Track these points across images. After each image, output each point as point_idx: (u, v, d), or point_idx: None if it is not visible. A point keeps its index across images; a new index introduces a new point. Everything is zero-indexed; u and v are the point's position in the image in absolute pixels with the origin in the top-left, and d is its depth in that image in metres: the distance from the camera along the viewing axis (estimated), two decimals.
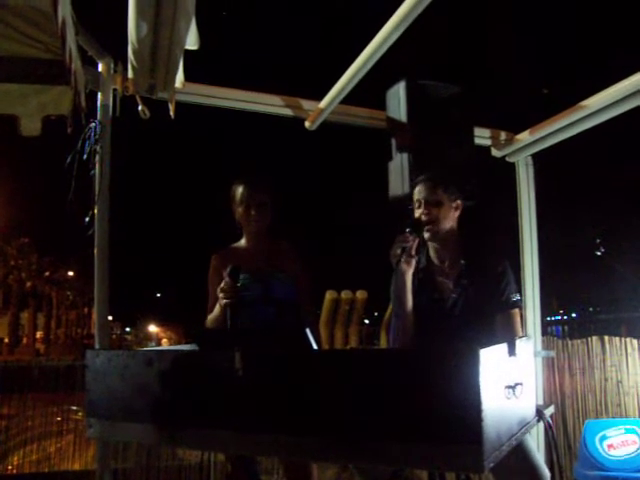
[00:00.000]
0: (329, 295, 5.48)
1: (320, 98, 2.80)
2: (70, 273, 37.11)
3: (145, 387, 1.43)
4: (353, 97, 2.72)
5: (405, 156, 2.59)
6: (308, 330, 1.34)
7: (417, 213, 2.07)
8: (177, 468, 4.04)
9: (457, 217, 2.10)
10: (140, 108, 2.53)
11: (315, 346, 1.38)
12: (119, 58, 2.45)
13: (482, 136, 3.21)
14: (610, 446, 3.29)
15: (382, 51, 2.24)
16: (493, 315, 1.97)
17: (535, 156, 3.29)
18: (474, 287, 2.00)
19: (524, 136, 3.12)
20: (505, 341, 1.33)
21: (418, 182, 2.12)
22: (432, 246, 2.10)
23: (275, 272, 2.28)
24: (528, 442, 1.75)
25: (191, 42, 2.26)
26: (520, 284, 3.24)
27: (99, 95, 2.48)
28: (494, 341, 1.26)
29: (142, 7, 1.92)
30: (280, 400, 1.29)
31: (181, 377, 1.42)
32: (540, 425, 1.71)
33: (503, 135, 3.27)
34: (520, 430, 1.36)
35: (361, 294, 5.65)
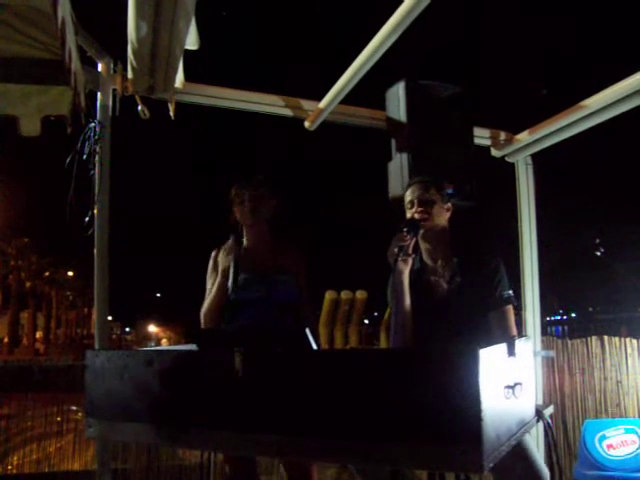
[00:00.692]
0: (329, 295, 5.50)
1: (320, 98, 2.79)
2: (70, 273, 37.15)
3: (145, 387, 1.43)
4: (353, 97, 2.72)
5: (405, 156, 2.59)
6: (308, 330, 1.34)
7: (409, 214, 2.09)
8: (177, 468, 4.04)
9: (448, 219, 2.12)
10: (140, 108, 2.53)
11: (315, 346, 1.38)
12: (119, 58, 2.45)
13: (481, 136, 3.21)
14: (610, 446, 3.30)
15: (382, 51, 2.24)
16: (487, 312, 1.99)
17: (535, 156, 3.29)
18: (467, 285, 2.01)
19: (523, 136, 3.12)
20: (501, 338, 1.33)
21: (411, 184, 2.15)
22: (424, 247, 2.12)
23: (278, 272, 2.29)
24: (528, 442, 1.76)
25: (191, 42, 2.26)
26: (519, 284, 3.25)
27: (99, 95, 2.48)
28: (490, 339, 1.27)
29: (142, 7, 1.92)
30: (279, 400, 1.29)
31: (181, 377, 1.42)
32: (540, 425, 1.71)
33: (502, 135, 3.27)
34: (519, 430, 1.36)
35: (361, 294, 5.67)
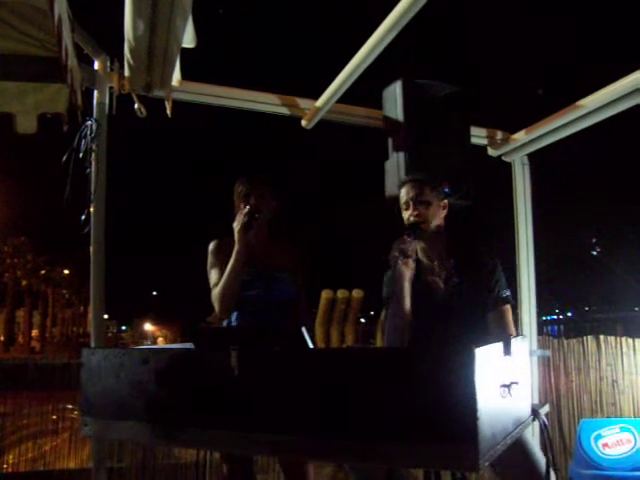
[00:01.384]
0: (325, 294, 5.49)
1: (317, 97, 2.79)
2: (66, 271, 37.03)
3: (140, 386, 1.43)
4: (350, 96, 2.71)
5: (401, 155, 2.59)
6: (304, 329, 1.34)
7: (405, 215, 2.07)
8: (173, 466, 4.04)
9: (444, 216, 2.11)
10: (136, 106, 2.52)
11: (311, 345, 1.38)
12: (115, 56, 2.44)
13: (478, 135, 3.21)
14: (605, 445, 3.30)
15: (379, 50, 2.24)
16: (485, 312, 1.98)
17: (531, 156, 3.29)
18: (465, 285, 2.01)
19: (520, 136, 3.12)
20: (499, 338, 1.33)
21: (404, 184, 2.12)
22: (420, 246, 2.10)
23: (276, 270, 2.29)
24: (528, 438, 1.77)
25: (188, 40, 2.25)
26: (516, 284, 3.25)
27: (95, 93, 2.47)
28: (488, 339, 1.27)
29: (139, 5, 1.92)
30: (275, 399, 1.29)
31: (176, 376, 1.42)
32: (535, 424, 1.71)
33: (499, 134, 3.27)
34: (515, 429, 1.37)
35: (357, 293, 5.66)
